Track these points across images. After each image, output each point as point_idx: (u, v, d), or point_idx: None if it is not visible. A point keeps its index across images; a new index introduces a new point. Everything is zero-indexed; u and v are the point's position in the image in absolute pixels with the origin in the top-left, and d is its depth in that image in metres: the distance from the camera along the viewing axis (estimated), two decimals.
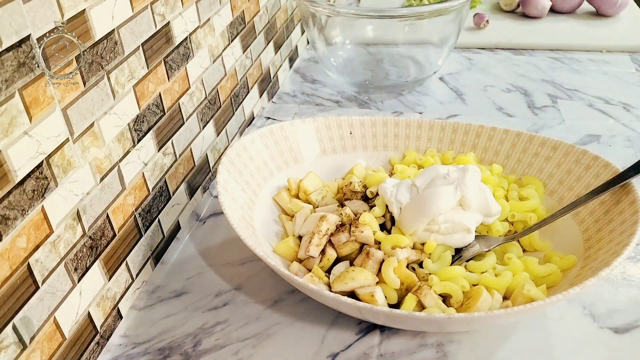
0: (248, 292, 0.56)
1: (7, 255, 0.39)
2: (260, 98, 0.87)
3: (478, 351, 0.49)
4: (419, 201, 0.55)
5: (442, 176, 0.56)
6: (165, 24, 0.58)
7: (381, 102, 0.88)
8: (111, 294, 0.52)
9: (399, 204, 0.56)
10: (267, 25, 0.88)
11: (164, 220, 0.61)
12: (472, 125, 0.65)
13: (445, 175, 0.56)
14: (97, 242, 0.50)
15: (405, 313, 0.45)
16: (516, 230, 0.58)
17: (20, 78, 0.39)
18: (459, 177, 0.55)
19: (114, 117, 0.51)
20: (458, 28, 0.86)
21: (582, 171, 0.57)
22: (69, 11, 0.44)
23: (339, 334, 0.51)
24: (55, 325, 0.45)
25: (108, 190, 0.51)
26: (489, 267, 0.52)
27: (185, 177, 0.65)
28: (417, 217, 0.54)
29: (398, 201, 0.56)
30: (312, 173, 0.64)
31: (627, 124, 0.79)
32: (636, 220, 0.48)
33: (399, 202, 0.56)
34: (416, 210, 0.55)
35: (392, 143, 0.68)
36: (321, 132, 0.67)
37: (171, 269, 0.59)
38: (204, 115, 0.69)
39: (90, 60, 0.47)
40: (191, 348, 0.50)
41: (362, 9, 0.97)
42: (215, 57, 0.70)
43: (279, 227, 0.60)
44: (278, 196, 0.62)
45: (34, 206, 0.41)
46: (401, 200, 0.56)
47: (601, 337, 0.49)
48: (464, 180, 0.55)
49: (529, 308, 0.43)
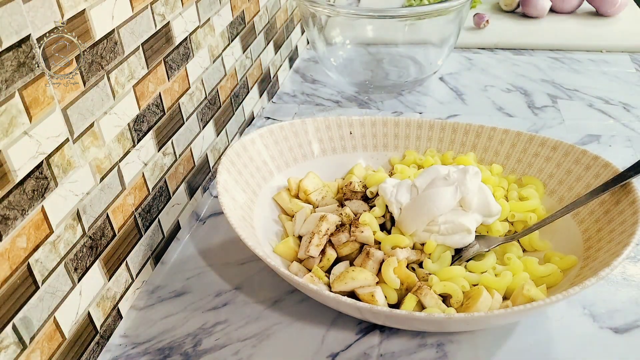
0: (248, 292, 0.56)
1: (7, 255, 0.39)
2: (260, 98, 0.87)
3: (478, 351, 0.49)
4: (419, 202, 0.55)
5: (443, 177, 0.56)
6: (165, 24, 0.58)
7: (381, 102, 0.88)
8: (111, 294, 0.52)
9: (399, 205, 0.56)
10: (267, 25, 0.88)
11: (164, 220, 0.61)
12: (472, 125, 0.65)
13: (446, 176, 0.56)
14: (97, 242, 0.50)
15: (405, 313, 0.45)
16: (516, 230, 0.58)
17: (20, 78, 0.39)
18: (459, 178, 0.55)
19: (114, 117, 0.51)
20: (458, 28, 0.86)
21: (582, 171, 0.57)
22: (69, 11, 0.44)
23: (339, 334, 0.51)
24: (55, 325, 0.45)
25: (108, 190, 0.51)
26: (489, 267, 0.52)
27: (185, 177, 0.65)
28: (417, 218, 0.54)
29: (398, 201, 0.56)
30: (312, 173, 0.64)
31: (627, 124, 0.79)
32: (636, 220, 0.48)
33: (399, 203, 0.56)
34: (416, 211, 0.55)
35: (392, 143, 0.68)
36: (321, 132, 0.67)
37: (171, 269, 0.59)
38: (204, 115, 0.69)
39: (90, 60, 0.47)
40: (191, 348, 0.50)
41: (362, 9, 0.97)
42: (215, 57, 0.70)
43: (279, 227, 0.60)
44: (278, 196, 0.62)
45: (34, 206, 0.41)
46: (401, 201, 0.56)
47: (601, 337, 0.49)
48: (464, 181, 0.55)
49: (529, 308, 0.43)
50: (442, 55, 0.89)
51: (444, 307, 0.49)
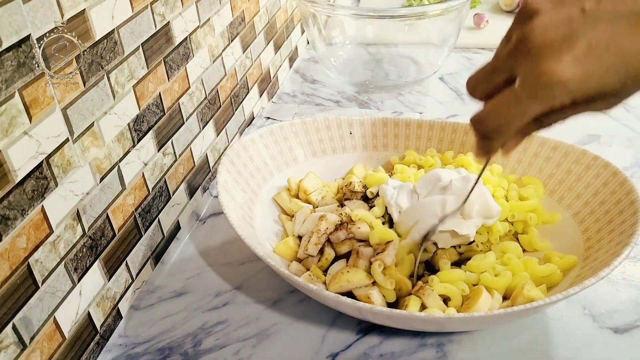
0: (248, 292, 0.56)
1: (7, 255, 0.39)
2: (260, 98, 0.87)
3: (478, 351, 0.49)
4: (418, 209, 0.55)
5: (444, 186, 0.55)
6: (165, 24, 0.58)
7: (381, 102, 0.88)
8: (111, 294, 0.52)
9: (399, 208, 0.56)
10: (267, 25, 0.88)
11: (163, 220, 0.61)
12: None
13: (448, 185, 0.55)
14: (97, 242, 0.50)
15: (405, 313, 0.45)
16: (516, 230, 0.58)
17: (20, 78, 0.39)
18: (460, 187, 0.54)
19: (114, 117, 0.51)
20: (458, 28, 0.86)
21: (582, 171, 0.57)
22: (69, 11, 0.44)
23: (339, 334, 0.51)
24: (55, 325, 0.45)
25: (108, 190, 0.51)
26: (488, 267, 0.52)
27: (185, 177, 0.65)
28: (415, 225, 0.54)
29: (398, 205, 0.56)
30: (312, 173, 0.64)
31: (627, 124, 0.79)
32: (636, 220, 0.48)
33: (398, 206, 0.56)
34: (415, 218, 0.54)
35: (392, 143, 0.68)
36: (321, 132, 0.67)
37: (171, 269, 0.59)
38: (203, 115, 0.69)
39: (90, 60, 0.47)
40: (191, 348, 0.50)
41: (362, 9, 0.97)
42: (215, 57, 0.70)
43: (279, 227, 0.60)
44: (278, 196, 0.62)
45: (33, 206, 0.41)
46: (401, 205, 0.56)
47: (601, 337, 0.49)
48: (466, 190, 0.54)
49: (529, 308, 0.43)
50: (442, 55, 0.89)
51: (444, 307, 0.49)
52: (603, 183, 0.55)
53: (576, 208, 0.56)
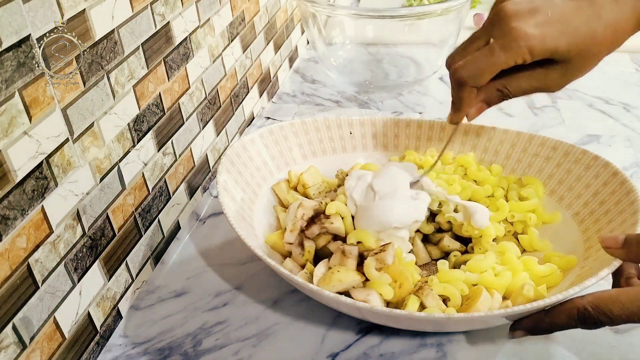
0: (248, 292, 0.56)
1: (7, 255, 0.39)
2: (260, 98, 0.87)
3: (478, 351, 0.49)
4: (377, 209, 0.54)
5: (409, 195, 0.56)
6: (165, 24, 0.58)
7: (381, 102, 0.88)
8: (111, 294, 0.52)
9: (353, 201, 0.56)
10: (267, 25, 0.88)
11: (163, 220, 0.61)
12: (472, 125, 0.65)
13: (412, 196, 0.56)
14: (97, 242, 0.50)
15: (405, 313, 0.45)
16: (516, 231, 0.58)
17: (20, 78, 0.39)
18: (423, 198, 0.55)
19: (114, 117, 0.51)
20: (458, 28, 0.86)
21: (582, 171, 0.57)
22: (68, 11, 0.44)
23: (339, 334, 0.51)
24: (55, 325, 0.45)
25: (108, 190, 0.51)
26: (488, 266, 0.52)
27: (185, 177, 0.65)
28: (370, 225, 0.54)
29: (352, 198, 0.56)
30: (313, 167, 0.63)
31: (627, 124, 0.79)
32: (636, 220, 0.48)
33: (353, 199, 0.56)
34: (372, 219, 0.54)
35: (392, 143, 0.68)
36: (321, 132, 0.67)
37: (171, 269, 0.59)
38: (203, 115, 0.69)
39: (90, 60, 0.47)
40: (191, 348, 0.50)
41: (362, 9, 0.97)
42: (215, 57, 0.70)
43: (277, 223, 0.60)
44: (277, 186, 0.62)
45: (33, 206, 0.41)
46: (355, 199, 0.56)
47: (601, 337, 0.49)
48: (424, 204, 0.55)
49: (529, 308, 0.43)
50: (442, 55, 0.89)
51: (443, 307, 0.49)
52: (603, 183, 0.55)
53: (576, 208, 0.56)
